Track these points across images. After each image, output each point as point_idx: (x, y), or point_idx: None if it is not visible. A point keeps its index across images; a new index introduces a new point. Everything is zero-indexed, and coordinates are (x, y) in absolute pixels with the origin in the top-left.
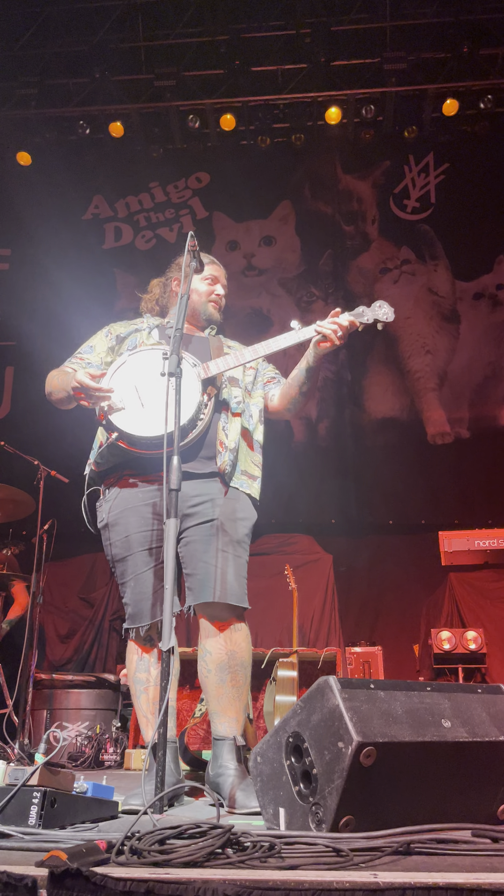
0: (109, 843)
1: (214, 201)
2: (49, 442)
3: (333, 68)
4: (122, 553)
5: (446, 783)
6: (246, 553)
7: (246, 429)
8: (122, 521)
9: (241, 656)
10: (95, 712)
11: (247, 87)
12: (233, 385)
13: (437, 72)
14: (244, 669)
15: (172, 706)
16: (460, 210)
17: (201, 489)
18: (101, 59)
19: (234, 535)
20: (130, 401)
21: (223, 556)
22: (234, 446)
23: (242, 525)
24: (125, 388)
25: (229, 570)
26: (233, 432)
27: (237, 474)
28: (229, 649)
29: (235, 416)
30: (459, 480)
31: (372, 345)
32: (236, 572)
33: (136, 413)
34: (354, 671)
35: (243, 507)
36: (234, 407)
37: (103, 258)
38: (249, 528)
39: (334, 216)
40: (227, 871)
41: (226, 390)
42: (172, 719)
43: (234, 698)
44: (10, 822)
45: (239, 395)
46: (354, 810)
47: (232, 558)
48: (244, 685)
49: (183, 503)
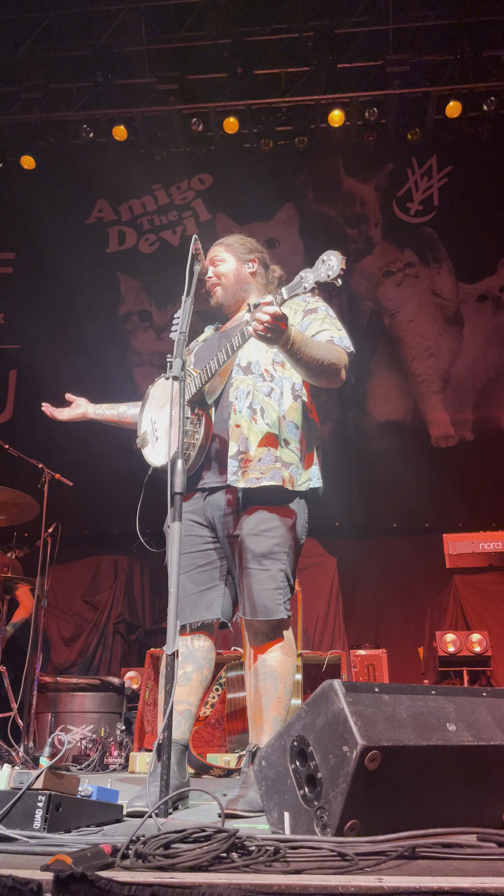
0: (114, 847)
1: (218, 204)
2: (53, 445)
3: (336, 71)
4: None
5: (451, 787)
6: (279, 562)
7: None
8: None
9: (270, 665)
10: (100, 715)
11: (250, 91)
12: (245, 374)
13: (440, 74)
14: (275, 680)
15: (188, 709)
16: (463, 213)
17: (229, 500)
18: (104, 63)
19: (257, 550)
20: (150, 434)
21: (249, 574)
22: (237, 450)
23: (267, 537)
24: (146, 422)
25: (256, 588)
26: (235, 436)
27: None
28: (261, 657)
29: (240, 420)
30: (463, 483)
31: (375, 348)
32: (262, 586)
33: (153, 445)
34: (359, 674)
35: (268, 516)
36: (240, 405)
37: (107, 262)
38: (282, 534)
39: (337, 219)
40: (231, 875)
41: (232, 390)
42: (186, 721)
43: (262, 708)
44: (14, 826)
45: (250, 384)
46: (359, 814)
47: (257, 573)
48: (272, 696)
49: (216, 511)
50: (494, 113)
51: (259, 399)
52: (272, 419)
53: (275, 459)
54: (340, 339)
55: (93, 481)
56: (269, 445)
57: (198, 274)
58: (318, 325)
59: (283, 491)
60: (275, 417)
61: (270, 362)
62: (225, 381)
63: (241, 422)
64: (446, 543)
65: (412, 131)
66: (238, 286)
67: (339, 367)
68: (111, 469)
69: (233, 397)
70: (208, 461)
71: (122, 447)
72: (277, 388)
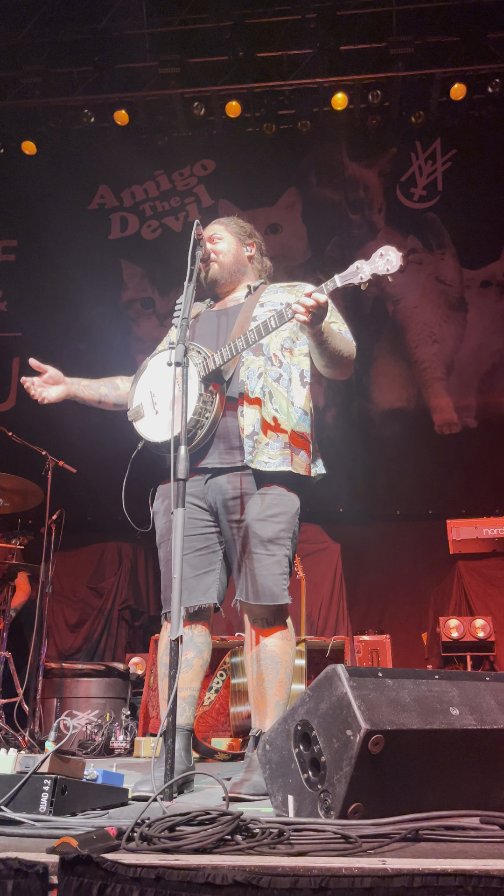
0: (120, 830)
1: (220, 189)
2: (56, 433)
3: (339, 53)
4: (160, 540)
5: (455, 771)
6: (284, 548)
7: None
8: (163, 510)
9: (271, 650)
10: (105, 701)
11: (252, 74)
12: (256, 354)
13: (445, 56)
14: (275, 665)
15: (192, 694)
16: (467, 197)
17: (234, 483)
18: (104, 48)
19: (263, 535)
20: (147, 407)
21: (253, 559)
22: (253, 430)
23: (274, 522)
24: (143, 394)
25: (261, 572)
26: (249, 416)
27: (273, 453)
28: (262, 643)
29: (254, 401)
30: (467, 469)
31: (379, 335)
32: (269, 572)
33: (152, 419)
34: (363, 659)
35: (275, 501)
36: (253, 386)
37: (109, 248)
38: (287, 520)
39: (341, 204)
40: (236, 857)
41: (243, 370)
42: (191, 707)
43: (263, 693)
44: (21, 810)
45: (261, 365)
46: (363, 797)
47: (263, 558)
48: (273, 680)
49: (219, 496)
50: (499, 95)
51: (269, 383)
52: (280, 405)
53: (284, 445)
54: (348, 333)
55: (96, 468)
56: (278, 430)
57: (200, 259)
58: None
59: (292, 476)
60: (283, 403)
61: (279, 347)
62: (237, 361)
63: (255, 403)
64: (450, 529)
65: (416, 114)
66: (236, 266)
67: (352, 360)
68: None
69: (244, 377)
70: (214, 442)
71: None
72: (286, 375)
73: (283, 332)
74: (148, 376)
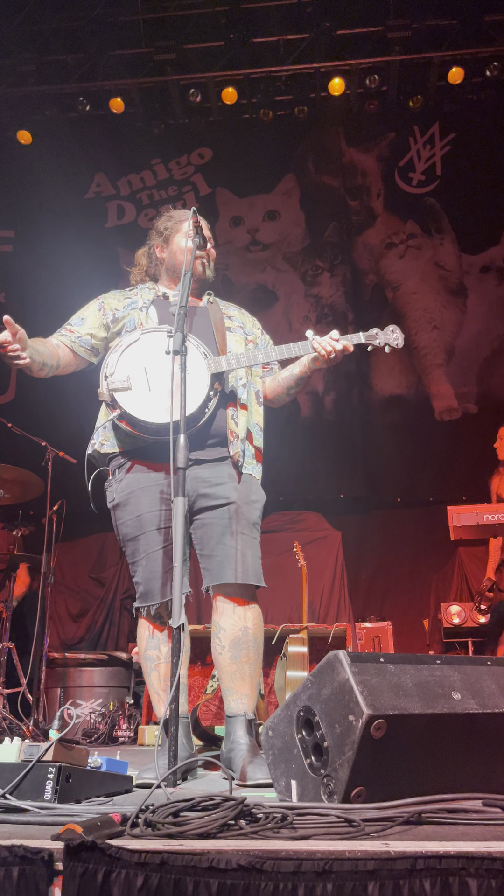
0: (124, 817)
1: (217, 177)
2: (55, 423)
3: (336, 38)
4: (134, 532)
5: (457, 754)
6: (259, 534)
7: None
8: (132, 500)
9: (253, 633)
10: (108, 690)
11: (248, 60)
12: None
13: (442, 39)
14: (257, 646)
15: (184, 683)
16: (466, 182)
17: (215, 471)
18: (99, 34)
19: (249, 518)
20: (138, 382)
21: (242, 539)
22: (245, 436)
23: (255, 507)
24: (134, 367)
25: (248, 552)
26: (242, 421)
27: (248, 459)
28: (243, 626)
29: (243, 406)
30: (468, 456)
31: (378, 322)
32: (253, 553)
33: (143, 396)
34: (364, 646)
35: (256, 490)
36: (241, 392)
37: (106, 237)
38: (261, 509)
39: (339, 190)
40: (240, 841)
41: (231, 376)
42: (184, 695)
43: (246, 675)
44: (26, 797)
45: (243, 375)
46: (366, 782)
47: (249, 540)
48: (256, 662)
49: (198, 484)
50: (497, 78)
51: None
52: (251, 418)
53: (251, 455)
54: None
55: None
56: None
57: (196, 247)
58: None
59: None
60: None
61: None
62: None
63: (243, 410)
64: (450, 516)
65: (414, 98)
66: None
67: None
68: None
69: (233, 383)
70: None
71: None
72: (252, 390)
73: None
74: (141, 350)
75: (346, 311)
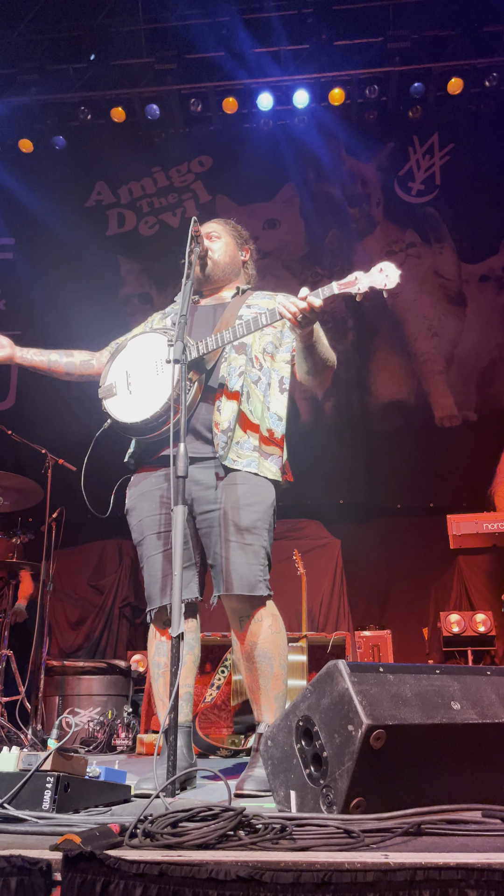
0: (122, 827)
1: (217, 185)
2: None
3: (336, 48)
4: (137, 537)
5: (457, 765)
6: (261, 539)
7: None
8: (137, 506)
9: (262, 647)
10: (107, 698)
11: (248, 69)
12: (238, 352)
13: (442, 50)
14: (269, 659)
15: (188, 691)
16: (466, 191)
17: (208, 474)
18: (101, 44)
19: (240, 523)
20: (121, 386)
21: (228, 547)
22: (228, 426)
23: (250, 511)
24: (118, 373)
25: (236, 561)
26: (227, 411)
27: (243, 453)
28: (249, 641)
29: (232, 396)
30: (467, 463)
31: (378, 328)
32: (246, 561)
33: (125, 398)
34: (364, 655)
35: (251, 490)
36: (233, 383)
37: (107, 245)
38: (263, 511)
39: (339, 198)
40: (239, 852)
41: (224, 365)
42: (188, 704)
43: (258, 688)
44: (24, 807)
45: (242, 364)
46: (365, 792)
47: (238, 547)
48: (269, 675)
49: (191, 486)
50: (496, 89)
51: (248, 383)
52: (255, 407)
53: (254, 448)
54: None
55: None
56: (250, 431)
57: (198, 255)
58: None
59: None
60: (259, 406)
61: (261, 351)
62: (218, 355)
63: (233, 400)
64: (450, 524)
65: (413, 108)
66: (231, 266)
67: (332, 371)
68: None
69: (225, 372)
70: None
71: None
72: (265, 379)
73: (266, 336)
74: (126, 356)
75: (346, 318)
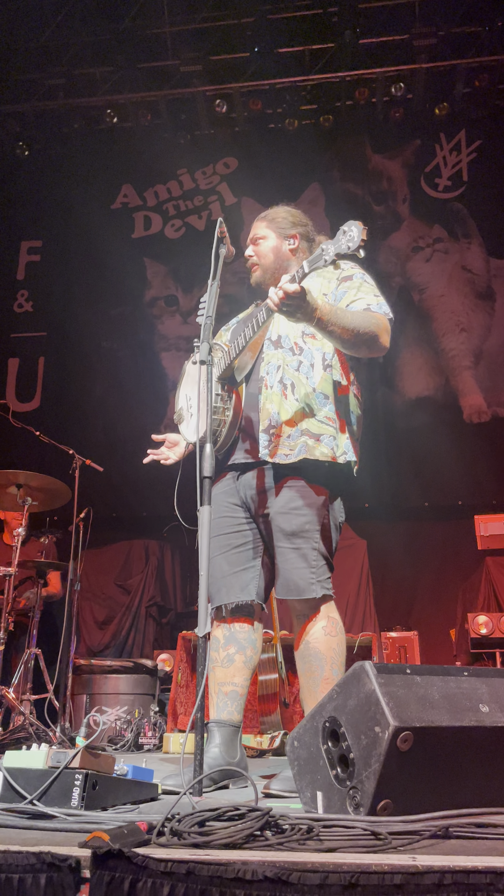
0: (150, 825)
1: (243, 186)
2: (81, 432)
3: (361, 46)
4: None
5: (485, 768)
6: (310, 541)
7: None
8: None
9: (313, 646)
10: (134, 697)
11: (273, 70)
12: (276, 347)
13: (468, 46)
14: (320, 661)
15: (234, 689)
16: (494, 187)
17: (259, 478)
18: (126, 47)
19: (287, 528)
20: (185, 410)
21: (278, 553)
22: (269, 424)
23: (298, 515)
24: (182, 398)
25: (284, 566)
26: (267, 410)
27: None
28: (303, 640)
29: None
30: (497, 460)
31: (404, 324)
32: (292, 565)
33: (189, 422)
34: (390, 656)
35: (298, 493)
36: (271, 380)
37: (133, 247)
38: (311, 513)
39: (364, 197)
40: (265, 852)
41: (262, 365)
42: (233, 702)
43: (311, 690)
44: (53, 804)
45: (280, 358)
46: (392, 794)
47: (286, 551)
48: (319, 677)
49: (248, 491)
50: None
51: (289, 374)
52: (301, 394)
53: (301, 433)
54: (379, 306)
55: (121, 466)
56: (298, 420)
57: (223, 257)
58: (353, 294)
59: (313, 464)
60: (304, 392)
61: (300, 335)
62: (256, 356)
63: (273, 397)
64: (478, 525)
65: (440, 106)
66: (277, 264)
67: (376, 335)
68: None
69: (264, 372)
70: (240, 438)
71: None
72: (307, 361)
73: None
74: (186, 380)
75: None
